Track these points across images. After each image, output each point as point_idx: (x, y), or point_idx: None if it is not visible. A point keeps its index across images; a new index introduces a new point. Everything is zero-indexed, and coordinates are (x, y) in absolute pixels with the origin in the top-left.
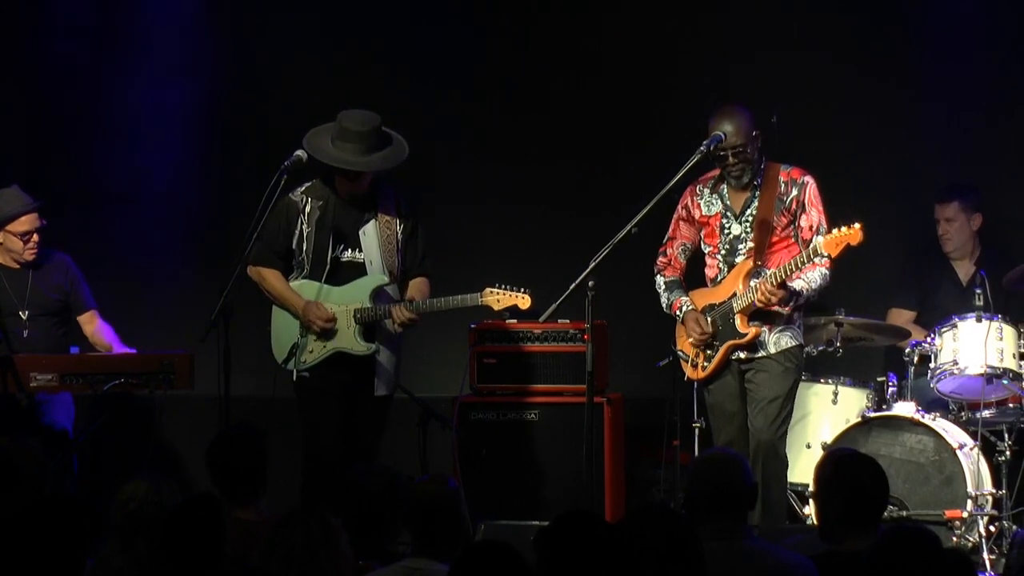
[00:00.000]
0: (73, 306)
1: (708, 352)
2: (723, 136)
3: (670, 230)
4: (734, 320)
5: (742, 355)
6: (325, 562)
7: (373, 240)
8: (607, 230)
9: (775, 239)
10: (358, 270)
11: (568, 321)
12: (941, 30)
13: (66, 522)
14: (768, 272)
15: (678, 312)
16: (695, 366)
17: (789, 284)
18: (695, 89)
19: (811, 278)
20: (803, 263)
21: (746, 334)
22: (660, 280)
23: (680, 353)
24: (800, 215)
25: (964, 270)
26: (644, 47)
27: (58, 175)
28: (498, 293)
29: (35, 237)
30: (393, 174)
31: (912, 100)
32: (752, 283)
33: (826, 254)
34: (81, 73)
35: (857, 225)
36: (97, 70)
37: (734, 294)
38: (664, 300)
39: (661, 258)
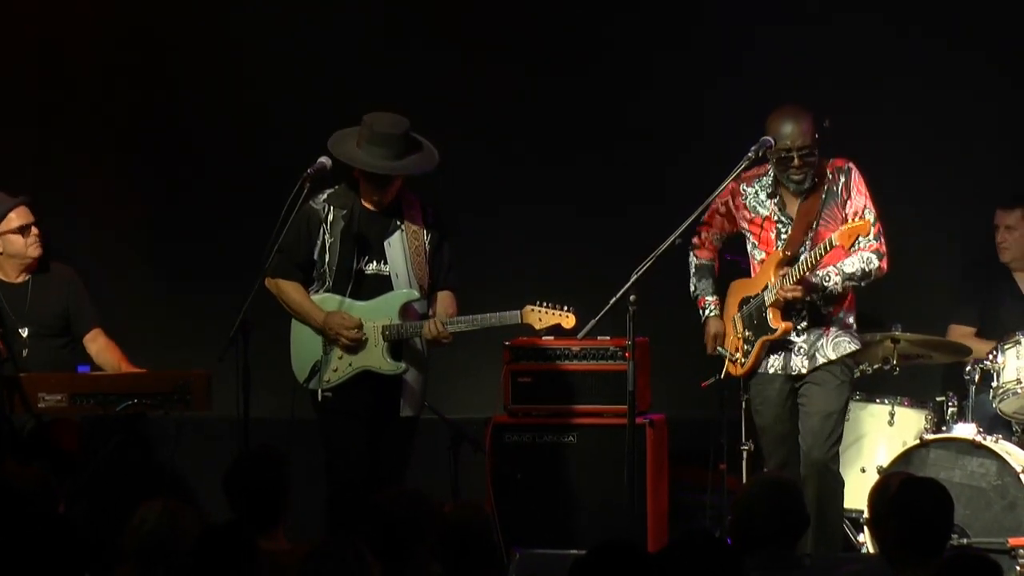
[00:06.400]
0: (75, 323)
1: (746, 347)
2: (772, 141)
3: (706, 215)
4: (767, 314)
5: (804, 370)
6: None
7: (399, 252)
8: (649, 241)
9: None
10: (382, 283)
11: (608, 338)
12: (1005, 37)
13: (58, 546)
14: (798, 260)
15: (701, 309)
16: (734, 362)
17: (809, 278)
18: (749, 93)
19: (848, 262)
20: (823, 253)
21: (777, 329)
22: (692, 260)
23: (722, 350)
24: (846, 202)
25: None
26: (693, 51)
27: (68, 188)
28: (540, 311)
29: (34, 230)
30: (418, 182)
31: (974, 111)
32: (782, 273)
33: (838, 244)
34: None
35: (870, 216)
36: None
37: (766, 286)
38: (692, 286)
39: (695, 238)
